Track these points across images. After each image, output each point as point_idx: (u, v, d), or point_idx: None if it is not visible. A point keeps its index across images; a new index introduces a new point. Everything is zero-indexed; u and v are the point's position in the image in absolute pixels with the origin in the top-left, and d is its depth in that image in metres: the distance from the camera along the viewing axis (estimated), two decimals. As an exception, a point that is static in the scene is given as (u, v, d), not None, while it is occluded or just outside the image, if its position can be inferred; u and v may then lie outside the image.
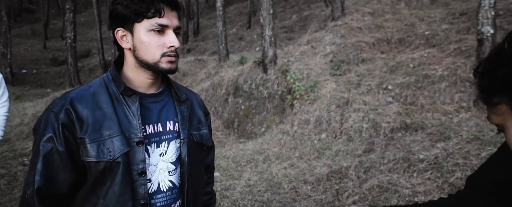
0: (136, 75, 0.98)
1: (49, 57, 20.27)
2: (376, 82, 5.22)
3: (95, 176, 0.90)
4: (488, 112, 0.46)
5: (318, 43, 6.53)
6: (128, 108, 0.94)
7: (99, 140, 0.89)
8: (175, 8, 0.95)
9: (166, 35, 0.93)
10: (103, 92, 0.94)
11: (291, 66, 5.68)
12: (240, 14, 17.95)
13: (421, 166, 3.42)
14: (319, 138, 4.59)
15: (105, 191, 0.92)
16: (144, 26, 0.92)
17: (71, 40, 11.47)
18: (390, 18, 7.33)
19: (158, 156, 0.99)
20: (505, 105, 0.43)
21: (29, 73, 17.96)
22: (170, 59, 0.94)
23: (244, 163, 4.60)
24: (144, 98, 0.98)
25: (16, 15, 31.40)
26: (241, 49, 11.40)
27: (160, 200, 0.99)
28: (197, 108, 1.12)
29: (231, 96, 6.12)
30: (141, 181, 0.94)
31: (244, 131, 5.82)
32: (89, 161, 0.89)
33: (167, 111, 1.03)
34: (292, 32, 12.57)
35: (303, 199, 3.60)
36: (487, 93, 0.45)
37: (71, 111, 0.90)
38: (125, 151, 0.91)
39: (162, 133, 1.00)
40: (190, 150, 1.03)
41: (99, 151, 0.89)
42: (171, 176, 1.01)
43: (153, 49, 0.93)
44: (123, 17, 0.92)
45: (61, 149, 0.89)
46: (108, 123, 0.91)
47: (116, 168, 0.90)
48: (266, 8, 5.85)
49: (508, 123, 0.44)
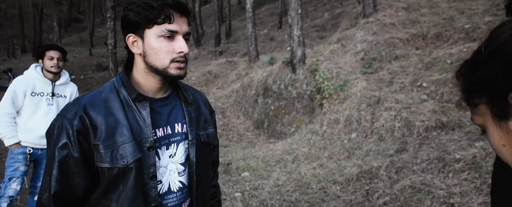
0: (146, 81, 1.00)
1: (94, 63, 21.58)
2: (409, 79, 5.02)
3: (108, 181, 0.93)
4: (471, 112, 0.47)
5: (349, 41, 6.40)
6: (139, 113, 0.96)
7: (112, 146, 0.91)
8: (185, 14, 0.97)
9: (175, 40, 0.95)
10: (114, 97, 0.96)
11: (320, 66, 5.62)
12: (272, 14, 17.98)
13: (457, 166, 3.25)
14: (349, 138, 4.51)
15: (118, 195, 0.94)
16: (154, 32, 0.93)
17: (112, 46, 12.14)
18: (427, 13, 7.00)
19: (167, 157, 1.01)
20: (484, 105, 0.44)
21: (77, 79, 19.24)
22: (179, 66, 0.95)
23: (273, 163, 4.62)
24: (153, 103, 1.00)
25: (66, 25, 33.78)
26: (272, 50, 11.43)
27: (171, 201, 1.01)
28: (203, 107, 1.13)
29: (261, 97, 6.17)
30: (152, 184, 0.96)
31: (274, 131, 5.85)
32: (103, 167, 0.91)
33: (176, 113, 1.04)
34: (324, 31, 12.38)
35: (332, 199, 3.56)
36: (468, 94, 0.46)
37: (85, 117, 0.91)
38: (138, 157, 0.93)
39: (171, 135, 1.02)
40: (198, 150, 1.05)
41: (113, 157, 0.91)
42: (181, 177, 1.04)
43: (162, 54, 0.94)
44: (134, 23, 0.95)
45: (76, 155, 0.91)
46: (120, 129, 0.93)
47: (129, 173, 0.92)
48: (294, 8, 5.84)
49: (488, 123, 0.44)
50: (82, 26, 34.66)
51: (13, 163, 2.61)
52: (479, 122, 0.46)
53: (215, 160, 1.25)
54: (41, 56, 2.68)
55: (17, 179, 2.61)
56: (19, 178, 2.62)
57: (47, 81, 2.68)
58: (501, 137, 0.43)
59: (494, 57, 0.41)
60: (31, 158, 2.69)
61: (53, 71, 2.66)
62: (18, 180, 2.62)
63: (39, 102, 2.64)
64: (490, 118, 0.43)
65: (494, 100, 0.41)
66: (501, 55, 0.40)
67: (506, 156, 0.44)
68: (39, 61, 2.71)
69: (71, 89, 2.85)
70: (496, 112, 0.42)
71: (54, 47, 2.72)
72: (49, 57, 2.65)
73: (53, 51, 2.66)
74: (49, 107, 2.68)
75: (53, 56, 2.65)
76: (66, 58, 2.79)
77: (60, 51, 2.70)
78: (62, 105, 2.77)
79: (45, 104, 2.66)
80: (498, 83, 0.40)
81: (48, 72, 2.68)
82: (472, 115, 0.46)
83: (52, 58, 2.65)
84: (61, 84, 2.76)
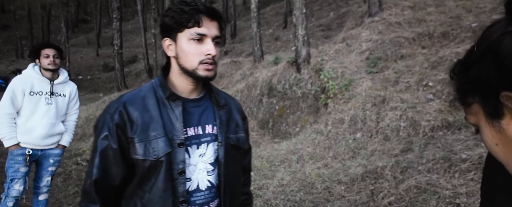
0: (180, 82, 1.07)
1: (101, 63, 21.78)
2: (415, 79, 4.98)
3: (142, 173, 1.00)
4: (465, 112, 0.47)
5: (354, 40, 6.36)
6: (172, 111, 1.03)
7: (146, 140, 0.99)
8: (215, 19, 1.03)
9: (204, 43, 1.01)
10: (151, 96, 1.04)
11: (325, 65, 5.60)
12: (277, 14, 17.97)
13: (463, 166, 3.21)
14: (354, 138, 4.48)
15: (150, 187, 1.00)
16: (185, 35, 1.00)
17: (118, 47, 12.23)
18: (433, 11, 6.93)
19: (197, 156, 1.06)
20: (477, 104, 0.44)
21: (84, 79, 19.45)
22: (207, 67, 1.01)
23: (278, 162, 4.62)
24: (186, 103, 1.07)
25: (73, 26, 34.14)
26: (277, 50, 11.42)
27: (199, 198, 1.06)
28: (235, 112, 1.18)
29: (266, 96, 6.17)
30: (181, 180, 1.02)
31: (278, 131, 5.84)
32: (137, 159, 0.99)
33: (207, 114, 1.10)
34: (329, 30, 12.34)
35: (337, 199, 3.54)
36: (461, 93, 0.46)
37: (124, 112, 1.00)
38: (168, 151, 0.99)
39: (201, 135, 1.07)
40: (227, 152, 1.10)
41: (145, 150, 0.98)
42: (210, 176, 1.08)
43: (192, 56, 1.01)
44: (169, 28, 1.03)
45: (115, 147, 1.00)
46: (154, 125, 1.00)
47: (160, 166, 0.99)
48: (299, 7, 5.83)
49: (481, 122, 0.44)
50: (89, 27, 34.98)
51: (13, 164, 2.59)
52: (473, 121, 0.46)
53: (247, 166, 1.29)
54: (37, 55, 2.65)
55: (19, 180, 2.59)
56: (20, 179, 2.60)
57: (46, 80, 2.65)
58: (493, 136, 0.43)
59: (486, 56, 0.41)
60: (31, 159, 2.66)
61: (50, 69, 2.63)
62: (20, 181, 2.60)
63: (38, 102, 2.61)
64: (483, 117, 0.43)
65: (487, 99, 0.41)
66: (492, 54, 0.40)
67: (499, 155, 0.44)
68: (36, 61, 2.67)
69: (70, 88, 2.82)
70: (488, 110, 0.42)
71: (49, 45, 2.68)
72: (45, 55, 2.62)
73: (48, 49, 2.63)
74: (48, 106, 2.65)
75: (48, 54, 2.62)
76: (62, 56, 2.75)
77: (55, 48, 2.67)
78: (61, 104, 2.75)
79: (44, 103, 2.63)
80: (490, 82, 0.40)
81: (46, 71, 2.65)
82: (466, 114, 0.46)
83: (48, 56, 2.62)
84: (59, 83, 2.73)
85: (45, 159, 2.75)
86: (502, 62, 0.38)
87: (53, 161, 2.77)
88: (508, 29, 0.39)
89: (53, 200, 3.79)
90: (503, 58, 0.38)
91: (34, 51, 2.66)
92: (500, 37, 0.39)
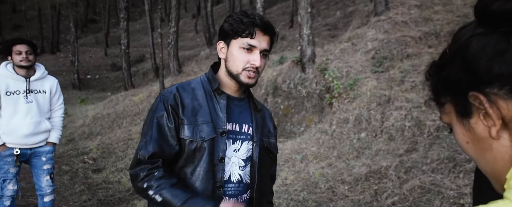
0: (226, 81, 1.18)
1: (109, 63, 21.97)
2: (421, 78, 4.93)
3: (187, 154, 1.10)
4: (439, 112, 0.48)
5: (359, 39, 6.33)
6: (217, 103, 1.15)
7: (194, 123, 1.10)
8: (268, 33, 1.13)
9: (252, 54, 1.11)
10: (200, 88, 1.16)
11: (330, 65, 5.58)
12: (283, 13, 17.94)
13: (468, 166, 3.18)
14: (358, 137, 4.47)
15: (193, 169, 1.10)
16: (237, 43, 1.12)
17: (125, 46, 12.35)
18: (440, 10, 6.86)
19: (232, 151, 1.16)
20: (450, 104, 0.45)
21: (92, 79, 19.66)
22: (249, 75, 1.11)
23: (282, 162, 4.62)
24: (230, 100, 1.18)
25: (83, 26, 34.52)
26: (283, 49, 11.40)
27: (229, 189, 1.15)
28: (268, 119, 1.29)
29: (270, 96, 6.18)
30: (220, 166, 1.12)
31: (283, 130, 5.84)
32: (185, 139, 1.09)
33: (245, 115, 1.21)
34: (336, 30, 12.28)
35: (340, 199, 3.54)
36: (435, 94, 0.47)
37: (177, 96, 1.12)
38: (212, 137, 1.10)
39: (238, 132, 1.17)
40: (260, 152, 1.20)
41: (193, 132, 1.09)
42: (241, 171, 1.18)
43: (238, 62, 1.11)
44: (225, 33, 1.14)
45: (171, 125, 1.10)
46: (202, 111, 1.12)
47: (204, 150, 1.09)
48: (304, 6, 5.82)
49: (453, 121, 0.45)
50: (98, 27, 35.33)
51: (3, 165, 2.52)
52: (446, 121, 0.47)
53: (273, 174, 1.36)
54: (8, 52, 2.51)
55: (10, 180, 2.54)
56: (12, 179, 2.55)
57: (21, 78, 2.52)
58: (464, 134, 0.44)
59: (455, 57, 0.42)
60: (21, 159, 2.59)
61: (23, 65, 2.49)
62: (12, 181, 2.55)
63: (16, 101, 2.50)
64: (454, 116, 0.45)
65: (457, 99, 0.43)
66: (461, 55, 0.41)
67: (470, 152, 0.45)
68: (8, 58, 2.54)
69: (50, 83, 2.67)
70: (459, 110, 0.43)
71: (21, 41, 2.55)
72: (17, 52, 2.48)
73: (20, 45, 2.49)
74: (28, 105, 2.53)
75: (20, 51, 2.48)
76: (37, 51, 2.61)
77: (27, 44, 2.53)
78: (42, 100, 2.61)
79: (23, 102, 2.51)
80: (459, 82, 0.41)
81: (19, 68, 2.52)
82: (441, 114, 0.47)
83: (20, 52, 2.48)
84: (37, 80, 2.59)
85: (37, 158, 2.66)
86: (470, 63, 0.40)
87: (45, 159, 2.67)
88: (476, 31, 0.41)
89: (60, 198, 3.85)
90: (470, 60, 0.40)
91: (5, 47, 2.52)
92: (469, 39, 0.41)
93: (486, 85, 0.39)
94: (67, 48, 22.48)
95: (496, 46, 0.38)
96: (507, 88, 0.38)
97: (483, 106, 0.39)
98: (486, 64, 0.39)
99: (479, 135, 0.42)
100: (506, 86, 0.38)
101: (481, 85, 0.39)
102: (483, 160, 0.43)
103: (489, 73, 0.38)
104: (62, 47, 27.40)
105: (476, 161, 0.45)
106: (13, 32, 32.73)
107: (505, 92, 0.38)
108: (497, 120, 0.39)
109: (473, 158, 0.45)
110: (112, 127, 7.32)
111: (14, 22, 34.20)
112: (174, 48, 10.68)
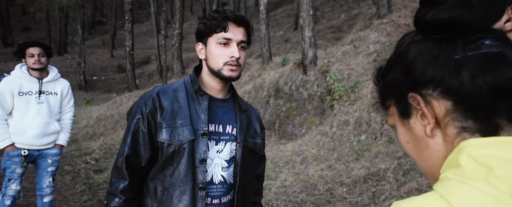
0: (209, 81, 1.18)
1: (115, 65, 22.17)
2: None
3: (165, 157, 1.10)
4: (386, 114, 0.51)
5: (362, 42, 6.33)
6: (199, 105, 1.14)
7: (173, 126, 1.10)
8: (241, 25, 1.14)
9: (230, 47, 1.12)
10: (182, 89, 1.16)
11: (331, 67, 5.59)
12: (288, 16, 17.97)
13: (467, 170, 3.17)
14: (358, 140, 4.47)
15: (172, 171, 1.10)
16: (213, 40, 1.13)
17: (129, 48, 12.47)
18: (444, 12, 6.83)
19: (215, 152, 1.16)
20: (393, 106, 0.48)
21: (98, 80, 19.85)
22: (231, 68, 1.11)
23: (282, 164, 4.63)
24: (212, 101, 1.18)
25: (90, 28, 34.90)
26: (287, 51, 11.43)
27: (212, 191, 1.15)
28: (254, 120, 1.29)
29: (272, 98, 6.20)
30: (201, 168, 1.11)
31: (285, 132, 5.86)
32: (163, 142, 1.09)
33: (229, 116, 1.20)
34: (340, 32, 12.27)
35: (338, 201, 3.54)
36: (381, 97, 0.50)
37: (156, 100, 1.12)
38: (191, 139, 1.09)
39: (221, 133, 1.17)
40: (243, 153, 1.19)
41: (171, 135, 1.09)
42: (224, 172, 1.17)
43: (217, 58, 1.12)
44: (201, 33, 1.16)
45: (144, 130, 1.10)
46: (181, 114, 1.11)
47: (182, 152, 1.09)
48: (306, 9, 5.84)
49: (396, 123, 0.48)
50: (105, 28, 35.67)
51: (10, 164, 2.57)
52: (391, 123, 0.50)
53: (260, 174, 1.36)
54: (22, 55, 2.60)
55: (15, 180, 2.60)
56: (17, 179, 2.60)
57: (34, 79, 2.60)
58: (405, 134, 0.47)
59: (397, 63, 0.46)
60: (28, 160, 2.63)
61: (35, 68, 2.57)
62: (17, 181, 2.60)
63: (28, 102, 2.57)
64: (397, 117, 0.47)
65: (399, 101, 0.46)
66: (401, 60, 0.45)
67: (410, 152, 0.47)
68: (22, 60, 2.62)
69: (61, 85, 2.75)
70: (400, 111, 0.46)
71: (34, 44, 2.62)
72: (30, 55, 2.56)
73: (33, 48, 2.57)
74: (39, 106, 2.60)
75: (33, 53, 2.56)
76: (50, 54, 2.67)
77: (40, 47, 2.61)
78: (53, 102, 2.67)
79: (35, 103, 2.58)
80: (400, 85, 0.45)
81: (33, 70, 2.60)
82: (387, 116, 0.50)
83: (32, 55, 2.56)
84: (49, 81, 2.66)
85: (43, 159, 2.70)
86: (408, 67, 0.43)
87: (51, 161, 2.71)
88: (415, 39, 0.45)
89: (61, 198, 3.90)
90: (409, 64, 0.43)
91: (19, 50, 2.62)
92: (408, 46, 0.45)
93: (422, 87, 0.42)
94: (74, 50, 22.76)
95: (430, 52, 0.42)
96: (440, 89, 0.41)
97: (419, 106, 0.42)
98: (422, 68, 0.42)
99: (417, 134, 0.45)
100: (438, 88, 0.41)
101: (419, 87, 0.42)
102: (421, 159, 0.46)
103: (425, 76, 0.42)
104: (69, 49, 27.74)
105: (416, 160, 0.47)
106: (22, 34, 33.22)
107: (438, 93, 0.41)
108: (431, 119, 0.42)
109: (413, 158, 0.47)
110: (115, 127, 7.39)
111: (23, 24, 34.72)
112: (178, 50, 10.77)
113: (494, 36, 0.41)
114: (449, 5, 0.41)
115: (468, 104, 0.40)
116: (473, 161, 0.37)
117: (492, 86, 0.38)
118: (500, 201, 0.33)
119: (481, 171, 0.36)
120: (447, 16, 0.41)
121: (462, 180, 0.36)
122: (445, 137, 0.42)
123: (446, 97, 0.41)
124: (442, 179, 0.39)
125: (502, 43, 0.40)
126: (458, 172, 0.37)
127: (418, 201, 0.37)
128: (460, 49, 0.40)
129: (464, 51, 0.40)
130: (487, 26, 0.42)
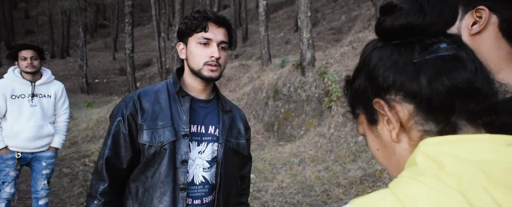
0: (191, 82, 1.18)
1: (117, 67, 22.27)
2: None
3: (147, 158, 1.10)
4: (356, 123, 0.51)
5: (360, 43, 6.33)
6: (180, 106, 1.14)
7: (154, 128, 1.10)
8: (222, 25, 1.14)
9: (210, 47, 1.12)
10: (164, 91, 1.16)
11: (329, 68, 5.59)
12: (289, 18, 18.00)
13: (463, 171, 3.16)
14: (355, 141, 4.46)
15: (153, 172, 1.10)
16: (194, 39, 1.13)
17: (130, 51, 12.52)
18: (443, 13, 6.82)
19: (196, 153, 1.16)
20: (362, 114, 0.48)
21: (100, 83, 19.94)
22: (211, 68, 1.11)
23: (280, 165, 4.63)
24: (194, 102, 1.17)
25: (92, 30, 35.10)
26: (287, 53, 11.44)
27: (193, 191, 1.15)
28: (238, 120, 1.28)
29: (271, 99, 6.21)
30: (183, 169, 1.11)
31: (283, 133, 5.86)
32: (144, 144, 1.09)
33: (212, 117, 1.20)
34: (340, 33, 12.27)
35: (334, 202, 3.53)
36: (351, 106, 0.51)
37: (137, 102, 1.13)
38: (172, 140, 1.09)
39: (203, 134, 1.17)
40: (226, 153, 1.18)
41: (152, 137, 1.09)
42: (205, 173, 1.17)
43: (197, 58, 1.12)
44: (182, 33, 1.16)
45: (125, 132, 1.11)
46: (163, 115, 1.11)
47: (163, 154, 1.09)
48: (303, 11, 5.85)
49: (366, 130, 0.48)
50: (107, 32, 35.84)
51: (4, 167, 2.56)
52: (361, 131, 0.50)
53: (245, 175, 1.36)
54: (15, 58, 2.57)
55: (9, 183, 2.59)
56: (11, 182, 2.59)
57: (26, 82, 2.58)
58: (374, 141, 0.47)
59: (362, 69, 0.46)
60: (22, 162, 2.62)
61: (28, 71, 2.56)
62: (11, 184, 2.60)
63: (21, 105, 2.56)
64: (366, 125, 0.48)
65: (366, 108, 0.46)
66: (365, 67, 0.46)
67: (380, 159, 0.47)
68: (15, 63, 2.61)
69: (55, 88, 2.73)
70: (368, 118, 0.46)
71: (27, 47, 2.61)
72: (22, 58, 2.54)
73: (26, 51, 2.55)
74: (32, 109, 2.58)
75: (25, 56, 2.54)
76: (43, 57, 2.65)
77: (33, 50, 2.59)
78: (46, 105, 2.66)
79: (28, 105, 2.57)
80: (366, 92, 0.45)
81: (26, 73, 2.58)
82: (357, 125, 0.50)
83: (25, 58, 2.54)
84: (42, 84, 2.65)
85: (37, 162, 2.68)
86: (371, 73, 0.44)
87: (45, 164, 2.69)
88: (377, 45, 0.46)
89: (57, 200, 3.91)
90: (372, 70, 0.44)
91: (12, 53, 2.60)
92: (371, 53, 0.46)
93: (385, 92, 0.43)
94: (77, 53, 22.87)
95: (390, 57, 0.43)
96: (401, 93, 0.42)
97: (384, 111, 0.43)
98: (383, 74, 0.43)
99: (385, 140, 0.45)
100: (400, 92, 0.42)
101: (382, 92, 0.43)
102: (390, 165, 0.46)
103: (387, 81, 0.42)
104: (71, 52, 27.89)
105: (387, 167, 0.47)
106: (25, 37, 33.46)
107: (400, 97, 0.42)
108: (396, 123, 0.42)
109: (384, 165, 0.48)
110: (116, 130, 7.41)
111: (26, 27, 34.98)
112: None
113: (450, 40, 0.42)
114: (404, 12, 0.43)
115: (428, 106, 0.40)
116: (426, 158, 0.38)
117: (449, 87, 0.39)
118: (446, 196, 0.34)
119: (433, 167, 0.36)
120: (402, 22, 0.42)
121: (413, 177, 0.37)
122: (410, 141, 0.42)
123: (408, 101, 0.41)
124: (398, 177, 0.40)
125: (456, 46, 0.42)
126: (413, 170, 0.38)
127: (371, 198, 0.38)
128: (418, 53, 0.41)
129: (421, 55, 0.41)
130: (442, 30, 0.43)
